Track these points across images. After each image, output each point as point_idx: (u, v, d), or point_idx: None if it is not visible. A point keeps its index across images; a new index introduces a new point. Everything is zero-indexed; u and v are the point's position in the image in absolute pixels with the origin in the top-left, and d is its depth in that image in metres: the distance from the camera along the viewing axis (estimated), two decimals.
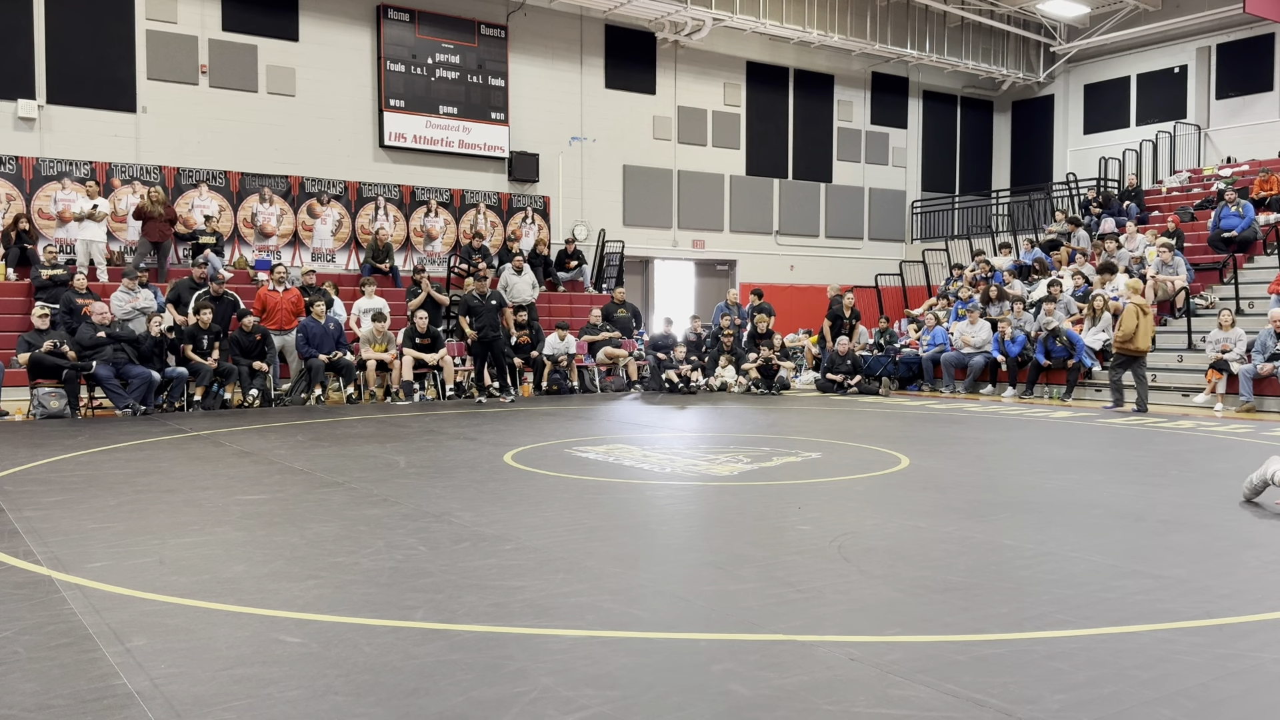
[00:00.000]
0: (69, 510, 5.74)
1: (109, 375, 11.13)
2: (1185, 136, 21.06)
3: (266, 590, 4.06)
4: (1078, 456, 8.14)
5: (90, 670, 3.14)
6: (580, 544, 4.87)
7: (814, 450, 8.34)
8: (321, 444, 8.71)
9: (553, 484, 6.66)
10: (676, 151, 19.95)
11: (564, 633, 3.50)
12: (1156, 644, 3.41)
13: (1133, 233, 16.71)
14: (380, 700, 2.89)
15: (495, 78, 17.61)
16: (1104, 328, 14.15)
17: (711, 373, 15.20)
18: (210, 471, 7.20)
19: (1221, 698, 2.94)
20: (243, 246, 15.71)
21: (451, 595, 3.96)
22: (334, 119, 16.41)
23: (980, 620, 3.65)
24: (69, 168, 14.40)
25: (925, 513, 5.68)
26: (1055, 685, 3.01)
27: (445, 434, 9.48)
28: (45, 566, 4.44)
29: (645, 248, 19.58)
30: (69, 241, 13.98)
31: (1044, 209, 20.74)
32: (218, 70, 15.47)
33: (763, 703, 2.87)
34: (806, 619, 3.68)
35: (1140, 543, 4.94)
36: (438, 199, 17.31)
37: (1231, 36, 20.52)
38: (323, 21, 16.28)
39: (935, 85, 23.26)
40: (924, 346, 15.49)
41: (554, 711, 2.80)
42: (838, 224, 22.21)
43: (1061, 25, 22.14)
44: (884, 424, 10.66)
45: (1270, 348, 12.03)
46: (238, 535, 5.09)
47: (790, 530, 5.20)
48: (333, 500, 6.04)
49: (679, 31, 19.02)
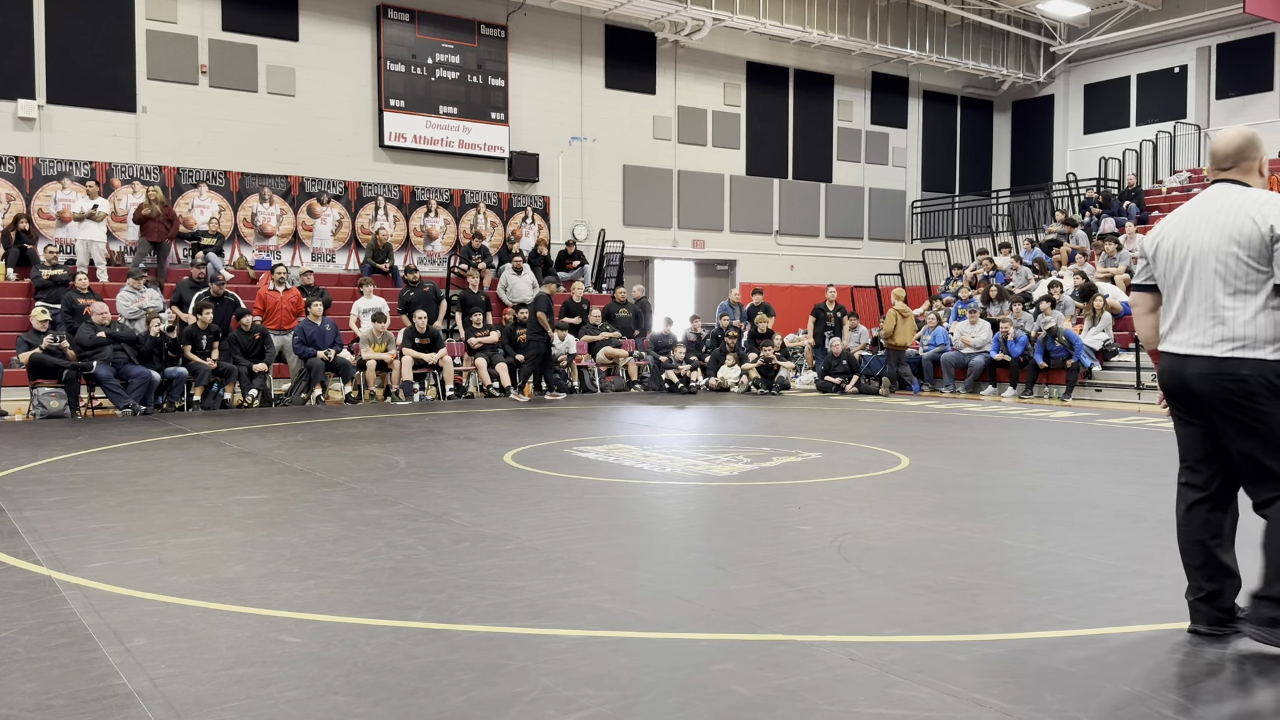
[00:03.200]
0: (69, 510, 5.75)
1: (109, 375, 11.13)
2: (1185, 136, 21.06)
3: (266, 590, 4.06)
4: (1078, 456, 8.14)
5: (90, 670, 3.14)
6: (580, 544, 4.87)
7: (814, 450, 8.34)
8: (321, 444, 8.71)
9: (553, 484, 6.66)
10: (676, 151, 19.96)
11: (564, 633, 3.50)
12: (1156, 644, 3.41)
13: (1132, 233, 16.71)
14: (380, 700, 2.89)
15: (495, 78, 17.61)
16: (1104, 328, 14.15)
17: (714, 373, 15.20)
18: (210, 471, 7.20)
19: (1221, 697, 2.94)
20: (243, 246, 15.71)
21: (451, 595, 3.96)
22: (334, 119, 16.41)
23: (980, 620, 3.65)
24: (69, 168, 14.40)
25: (925, 513, 5.68)
26: (1055, 685, 3.01)
27: (445, 434, 9.48)
28: (45, 566, 4.44)
29: (645, 248, 19.58)
30: (69, 241, 13.97)
31: (1044, 209, 20.75)
32: (218, 70, 15.47)
33: (763, 703, 2.88)
34: (806, 619, 3.68)
35: (1140, 543, 4.94)
36: (438, 199, 17.32)
37: (1231, 36, 20.52)
38: (323, 21, 16.28)
39: (935, 85, 23.26)
40: (924, 346, 15.49)
41: (554, 711, 2.80)
42: (838, 224, 22.21)
43: (1061, 25, 22.14)
44: (884, 424, 10.66)
45: None
46: (238, 535, 5.09)
47: (790, 530, 5.20)
48: (333, 500, 6.04)
49: (679, 31, 19.02)
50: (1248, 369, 3.21)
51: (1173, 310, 3.43)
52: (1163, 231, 3.49)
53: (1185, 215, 3.44)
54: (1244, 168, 3.42)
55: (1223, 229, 3.28)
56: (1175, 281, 3.40)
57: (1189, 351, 3.34)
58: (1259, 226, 3.20)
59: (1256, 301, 3.22)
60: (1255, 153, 3.41)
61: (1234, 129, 3.48)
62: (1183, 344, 3.37)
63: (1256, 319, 3.23)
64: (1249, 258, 3.22)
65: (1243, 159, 3.41)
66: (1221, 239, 3.27)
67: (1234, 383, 3.23)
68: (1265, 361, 3.21)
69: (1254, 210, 3.24)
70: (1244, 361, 3.22)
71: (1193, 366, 3.33)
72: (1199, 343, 3.32)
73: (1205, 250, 3.31)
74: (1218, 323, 3.27)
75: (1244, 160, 3.42)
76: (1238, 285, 3.24)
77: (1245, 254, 3.22)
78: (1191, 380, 3.33)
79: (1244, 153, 3.41)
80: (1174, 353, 3.40)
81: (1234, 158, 3.42)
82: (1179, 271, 3.39)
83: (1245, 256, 3.22)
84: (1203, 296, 3.31)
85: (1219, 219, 3.30)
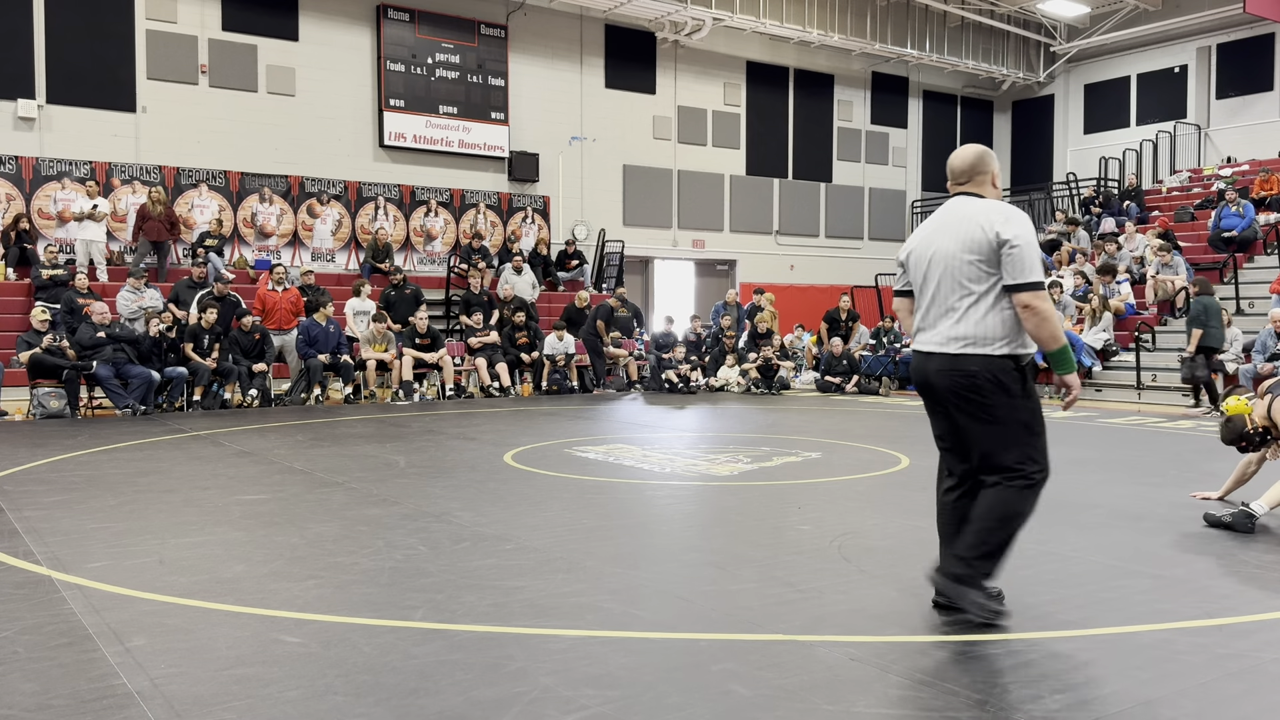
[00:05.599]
0: (69, 510, 5.75)
1: (109, 375, 11.12)
2: (1185, 136, 21.06)
3: (266, 590, 4.06)
4: (1078, 456, 8.14)
5: (90, 670, 3.14)
6: (580, 544, 4.87)
7: (814, 450, 8.34)
8: (321, 444, 8.71)
9: (553, 484, 6.66)
10: (676, 151, 19.95)
11: (564, 633, 3.50)
12: (1156, 644, 3.41)
13: (1132, 233, 16.71)
14: (380, 700, 2.89)
15: (495, 77, 17.61)
16: (1104, 328, 14.15)
17: (714, 373, 15.20)
18: (210, 471, 7.20)
19: (1221, 698, 2.94)
20: (242, 246, 15.70)
21: (451, 595, 3.96)
22: (334, 119, 16.41)
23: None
24: (69, 167, 14.40)
25: (925, 513, 5.67)
26: (1055, 685, 3.01)
27: (445, 434, 9.48)
28: (45, 566, 4.44)
29: (645, 247, 19.57)
30: (69, 241, 13.97)
31: (1044, 209, 20.74)
32: (218, 70, 15.47)
33: (763, 703, 2.88)
34: (806, 619, 3.68)
35: (1140, 543, 4.94)
36: (438, 199, 17.31)
37: (1231, 36, 20.52)
38: (323, 21, 16.27)
39: (935, 85, 23.26)
40: None
41: (554, 711, 2.80)
42: (838, 224, 22.21)
43: (1061, 25, 22.14)
44: (884, 424, 10.66)
45: (1270, 347, 12.03)
46: (238, 535, 5.09)
47: (790, 530, 5.20)
48: (333, 500, 6.04)
49: (679, 31, 19.02)
50: (976, 365, 3.51)
51: (920, 312, 3.73)
52: (911, 243, 3.81)
53: (931, 226, 3.75)
54: (978, 181, 3.72)
55: (958, 237, 3.58)
56: (923, 286, 3.70)
57: (930, 349, 3.64)
58: (987, 233, 3.49)
59: (987, 302, 3.51)
60: (987, 167, 3.72)
61: (968, 147, 3.79)
62: (926, 342, 3.67)
63: (987, 318, 3.51)
64: (980, 262, 3.51)
65: (976, 174, 3.72)
66: (957, 246, 3.57)
67: (964, 377, 3.53)
68: (992, 357, 3.50)
69: (983, 219, 3.53)
70: (973, 358, 3.51)
71: (933, 363, 3.62)
72: (937, 341, 3.61)
73: (944, 257, 3.60)
74: (953, 323, 3.57)
75: (978, 175, 3.72)
76: (971, 288, 3.54)
77: (977, 259, 3.52)
78: (931, 375, 3.64)
79: (976, 168, 3.72)
80: (919, 350, 3.71)
81: (968, 173, 3.72)
82: (924, 278, 3.69)
83: (977, 261, 3.52)
84: (943, 299, 3.61)
85: (956, 228, 3.60)
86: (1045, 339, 3.49)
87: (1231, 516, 5.18)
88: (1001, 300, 3.50)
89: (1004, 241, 3.46)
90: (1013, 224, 3.49)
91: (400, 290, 14.54)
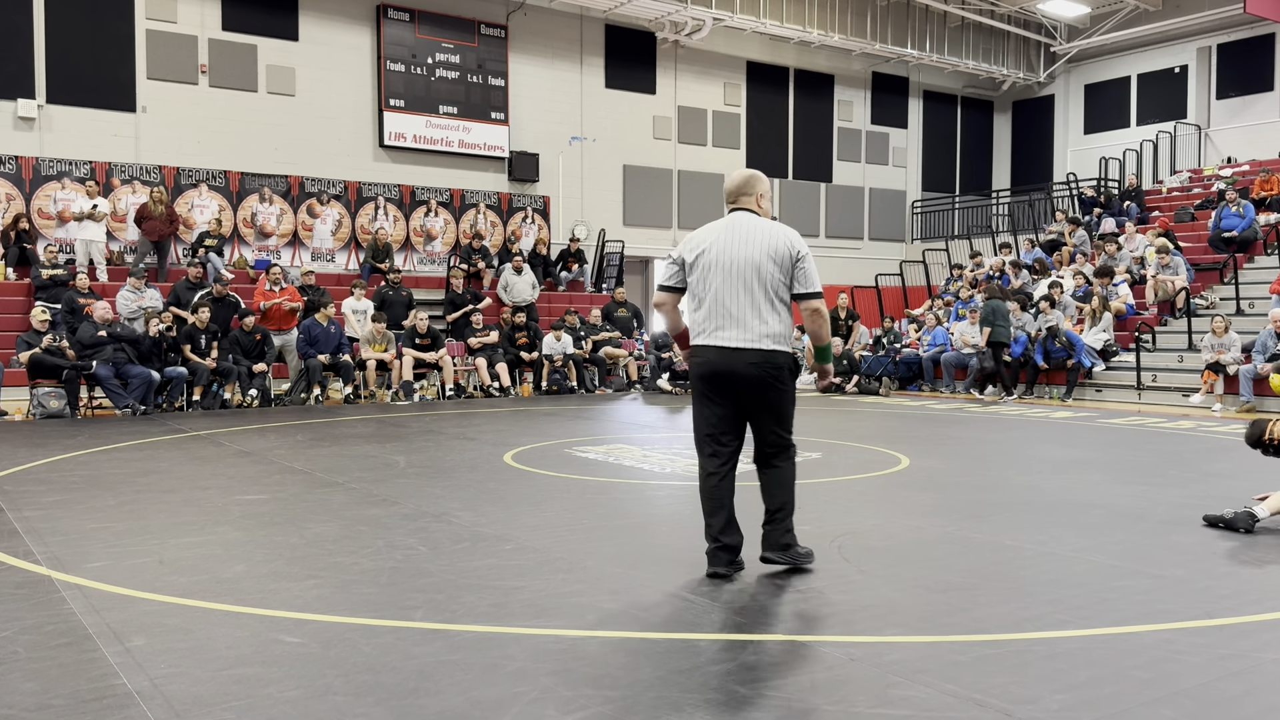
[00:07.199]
0: (69, 510, 5.75)
1: (109, 375, 11.12)
2: (1185, 136, 21.06)
3: (266, 590, 4.06)
4: (1078, 456, 8.14)
5: (90, 670, 3.13)
6: (580, 544, 4.87)
7: (814, 450, 8.34)
8: (321, 444, 8.71)
9: (553, 484, 6.66)
10: (676, 151, 19.95)
11: (564, 633, 3.50)
12: (1156, 644, 3.41)
13: (1132, 233, 16.70)
14: (380, 700, 2.89)
15: (495, 77, 17.60)
16: (1105, 328, 14.15)
17: None
18: (210, 471, 7.20)
19: (1222, 698, 2.94)
20: (242, 246, 15.70)
21: (451, 595, 3.96)
22: (334, 119, 16.40)
23: (980, 620, 3.65)
24: (69, 167, 14.40)
25: (925, 513, 5.68)
26: (1055, 685, 3.01)
27: (445, 434, 9.48)
28: (45, 566, 4.44)
29: (645, 248, 19.57)
30: (69, 241, 13.97)
31: (1044, 209, 20.74)
32: (218, 70, 15.47)
33: (763, 703, 2.87)
34: (806, 619, 3.69)
35: (1140, 543, 4.94)
36: (438, 199, 17.31)
37: (1232, 36, 20.52)
38: (323, 21, 16.27)
39: (935, 85, 23.25)
40: (924, 346, 15.49)
41: (554, 711, 2.80)
42: (838, 224, 22.20)
43: (1062, 25, 22.14)
44: (884, 424, 10.66)
45: (1270, 348, 12.03)
46: (238, 535, 5.09)
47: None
48: (333, 500, 6.04)
49: (679, 31, 19.02)
50: (782, 359, 4.15)
51: (711, 311, 4.17)
52: (701, 246, 4.23)
53: (720, 235, 4.20)
54: (747, 200, 4.29)
55: (762, 247, 4.12)
56: (721, 288, 4.14)
57: (740, 345, 4.11)
58: (790, 249, 4.13)
59: (785, 307, 4.18)
60: (756, 188, 4.29)
61: (739, 170, 4.38)
62: (732, 339, 4.13)
63: (784, 320, 4.18)
64: (780, 272, 4.12)
65: (744, 194, 4.29)
66: (762, 256, 4.11)
67: (774, 369, 4.13)
68: (787, 353, 4.17)
69: (783, 235, 4.16)
70: (780, 354, 4.14)
71: (745, 357, 4.11)
72: (749, 338, 4.11)
73: (747, 264, 4.12)
74: (762, 322, 4.11)
75: (745, 195, 4.29)
76: (775, 294, 4.13)
77: (779, 270, 4.12)
78: (740, 368, 4.11)
79: (745, 189, 4.29)
80: (724, 346, 4.14)
81: (739, 192, 4.30)
82: (722, 280, 4.14)
83: (779, 272, 4.12)
84: (749, 301, 4.11)
85: (758, 239, 4.14)
86: (824, 336, 4.25)
87: (1234, 514, 5.20)
88: (787, 305, 4.17)
89: (801, 257, 4.13)
90: (801, 243, 4.18)
91: (396, 291, 14.57)
